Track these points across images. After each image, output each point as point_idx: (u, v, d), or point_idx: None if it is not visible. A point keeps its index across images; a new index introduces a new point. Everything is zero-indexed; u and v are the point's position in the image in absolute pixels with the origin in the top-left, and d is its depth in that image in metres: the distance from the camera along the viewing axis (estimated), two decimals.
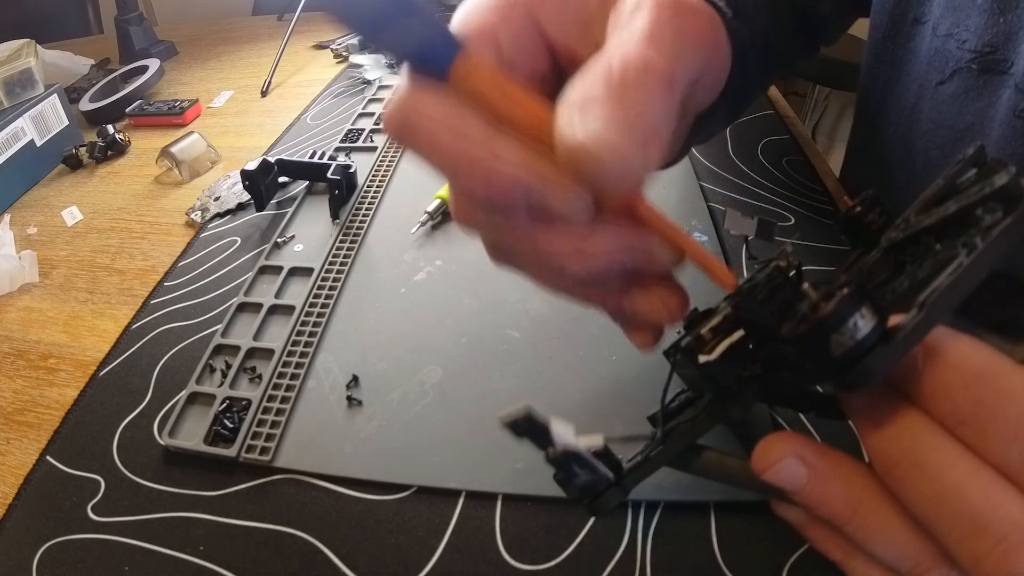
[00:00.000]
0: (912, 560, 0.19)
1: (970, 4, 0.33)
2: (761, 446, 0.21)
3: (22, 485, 0.37)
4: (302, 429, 0.39)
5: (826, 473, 0.20)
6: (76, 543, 0.34)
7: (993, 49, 0.32)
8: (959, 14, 0.34)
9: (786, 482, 0.20)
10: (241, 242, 0.57)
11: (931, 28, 0.37)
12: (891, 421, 0.18)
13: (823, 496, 0.20)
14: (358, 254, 0.53)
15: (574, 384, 0.41)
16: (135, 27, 0.99)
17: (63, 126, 0.73)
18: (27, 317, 0.50)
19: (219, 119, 0.82)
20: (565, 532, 0.33)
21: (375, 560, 0.33)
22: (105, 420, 0.41)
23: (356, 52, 0.95)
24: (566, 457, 0.22)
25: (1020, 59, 0.31)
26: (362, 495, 0.36)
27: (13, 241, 0.59)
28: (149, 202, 0.64)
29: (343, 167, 0.59)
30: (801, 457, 0.20)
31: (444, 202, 0.56)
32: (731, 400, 0.22)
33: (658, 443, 0.24)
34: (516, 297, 0.48)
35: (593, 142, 0.18)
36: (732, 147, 0.66)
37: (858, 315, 0.16)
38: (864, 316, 0.16)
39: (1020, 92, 0.30)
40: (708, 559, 0.32)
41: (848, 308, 0.16)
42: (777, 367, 0.21)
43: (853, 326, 0.16)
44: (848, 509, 0.19)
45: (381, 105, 0.77)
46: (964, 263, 0.17)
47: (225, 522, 0.35)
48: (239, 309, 0.48)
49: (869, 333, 0.16)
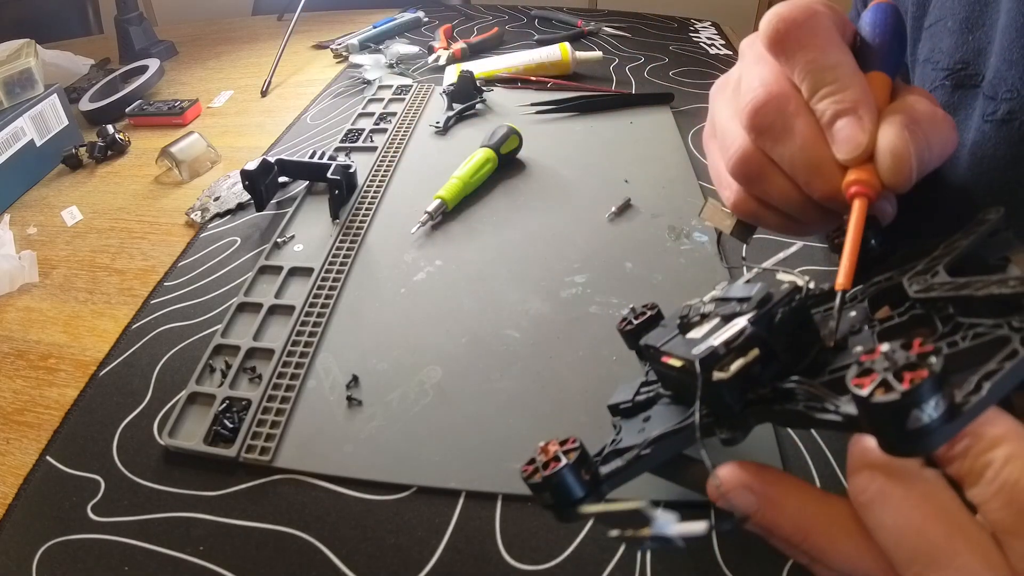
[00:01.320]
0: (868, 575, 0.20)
1: (943, 29, 0.35)
2: (712, 478, 0.22)
3: (22, 485, 0.37)
4: (302, 429, 0.39)
5: (774, 501, 0.21)
6: (76, 543, 0.34)
7: (964, 65, 0.34)
8: (934, 40, 0.36)
9: (738, 509, 0.22)
10: (241, 242, 0.57)
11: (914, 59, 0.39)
12: (873, 452, 0.19)
13: (773, 522, 0.21)
14: (358, 254, 0.53)
15: (574, 384, 0.41)
16: (135, 27, 0.99)
17: (63, 126, 0.73)
18: (27, 317, 0.50)
19: (219, 119, 0.82)
20: (565, 532, 0.33)
21: (375, 560, 0.33)
22: (105, 420, 0.41)
23: (356, 52, 0.96)
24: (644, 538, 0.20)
25: (989, 71, 0.33)
26: (362, 495, 0.36)
27: (13, 241, 0.59)
28: (149, 202, 0.64)
29: (343, 167, 0.59)
30: (748, 487, 0.22)
31: (444, 202, 0.56)
32: (733, 421, 0.22)
33: (642, 448, 0.24)
34: (516, 297, 0.48)
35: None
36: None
37: (940, 395, 0.17)
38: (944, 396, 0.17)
39: (988, 99, 0.32)
40: (708, 559, 0.32)
41: (934, 389, 0.16)
42: (788, 399, 0.21)
43: (933, 405, 0.16)
44: (799, 533, 0.21)
45: (380, 105, 0.77)
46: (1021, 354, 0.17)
47: (225, 522, 0.35)
48: (239, 309, 0.48)
49: (943, 413, 0.17)
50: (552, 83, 0.81)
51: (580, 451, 0.22)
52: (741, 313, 0.23)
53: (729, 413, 0.22)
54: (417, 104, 0.78)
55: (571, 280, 0.49)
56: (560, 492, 0.22)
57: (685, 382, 0.23)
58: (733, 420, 0.22)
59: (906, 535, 0.18)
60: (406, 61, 0.92)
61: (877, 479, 0.19)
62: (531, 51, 0.85)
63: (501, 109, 0.76)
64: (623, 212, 0.56)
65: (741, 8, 1.93)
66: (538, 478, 0.21)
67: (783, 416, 0.21)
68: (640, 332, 0.30)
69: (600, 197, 0.58)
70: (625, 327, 0.32)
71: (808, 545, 0.21)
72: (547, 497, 0.22)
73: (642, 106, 0.75)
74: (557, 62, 0.83)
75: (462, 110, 0.74)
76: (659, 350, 0.25)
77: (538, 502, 0.22)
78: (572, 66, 0.84)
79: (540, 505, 0.22)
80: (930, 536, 0.18)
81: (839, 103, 0.26)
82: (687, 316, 0.25)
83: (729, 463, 0.22)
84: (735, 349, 0.21)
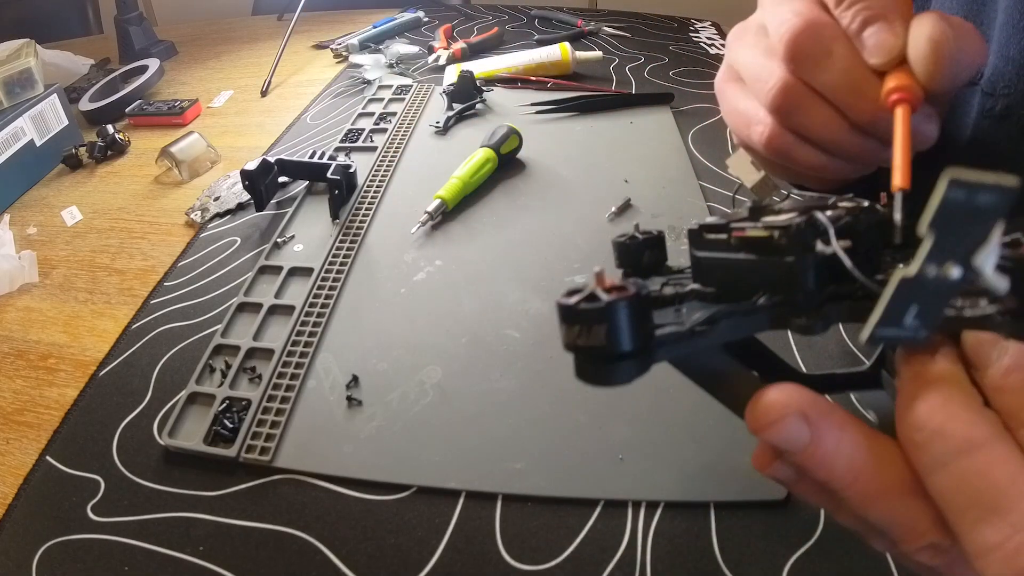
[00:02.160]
0: (904, 529, 0.18)
1: None
2: (759, 400, 0.19)
3: (22, 485, 0.37)
4: (302, 429, 0.39)
5: (831, 435, 0.18)
6: (76, 543, 0.34)
7: None
8: None
9: (786, 443, 0.18)
10: (241, 242, 0.57)
11: None
12: (934, 386, 0.18)
13: (824, 460, 0.18)
14: (358, 254, 0.53)
15: (574, 384, 0.41)
16: (135, 27, 0.99)
17: (63, 126, 0.73)
18: (27, 317, 0.50)
19: (219, 119, 0.82)
20: (565, 532, 0.33)
21: (375, 560, 0.33)
22: (105, 420, 0.41)
23: (356, 52, 0.96)
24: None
25: (987, 68, 0.33)
26: (362, 495, 0.36)
27: (13, 241, 0.59)
28: (149, 202, 0.64)
29: (343, 167, 0.59)
30: (804, 415, 0.18)
31: (444, 202, 0.56)
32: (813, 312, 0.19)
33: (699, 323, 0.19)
34: (516, 297, 0.48)
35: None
36: (731, 147, 0.66)
37: None
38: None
39: (986, 95, 0.33)
40: (708, 559, 0.32)
41: None
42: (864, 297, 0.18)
43: None
44: (850, 475, 0.18)
45: (380, 105, 0.77)
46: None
47: (225, 522, 0.34)
48: (239, 309, 0.48)
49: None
50: (552, 83, 0.81)
51: (647, 295, 0.18)
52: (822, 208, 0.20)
53: (808, 302, 0.19)
54: (417, 104, 0.78)
55: (571, 280, 0.49)
56: (617, 331, 0.17)
57: (749, 266, 0.20)
58: (811, 309, 0.19)
59: (967, 479, 0.16)
60: (406, 61, 0.92)
61: (937, 416, 0.17)
62: (531, 51, 0.85)
63: (501, 109, 0.76)
64: (623, 212, 0.56)
65: (741, 8, 1.92)
66: (593, 305, 0.17)
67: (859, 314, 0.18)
68: (642, 249, 0.26)
69: (600, 197, 0.58)
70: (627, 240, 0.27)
71: (854, 491, 0.18)
72: (598, 334, 0.17)
73: (642, 106, 0.75)
74: (557, 62, 0.83)
75: (462, 110, 0.74)
76: (728, 225, 0.21)
77: (575, 347, 0.18)
78: (572, 66, 0.84)
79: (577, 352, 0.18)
80: (993, 480, 0.16)
81: (867, 9, 0.26)
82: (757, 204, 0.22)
83: (779, 383, 0.19)
84: (840, 228, 0.18)
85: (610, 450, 0.37)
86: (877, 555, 0.32)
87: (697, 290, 0.22)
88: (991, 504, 0.16)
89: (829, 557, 0.32)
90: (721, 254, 0.21)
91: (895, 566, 0.31)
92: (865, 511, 0.19)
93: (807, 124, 0.29)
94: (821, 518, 0.33)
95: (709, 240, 0.22)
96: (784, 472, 0.20)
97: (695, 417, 0.38)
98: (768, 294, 0.19)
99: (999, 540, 0.16)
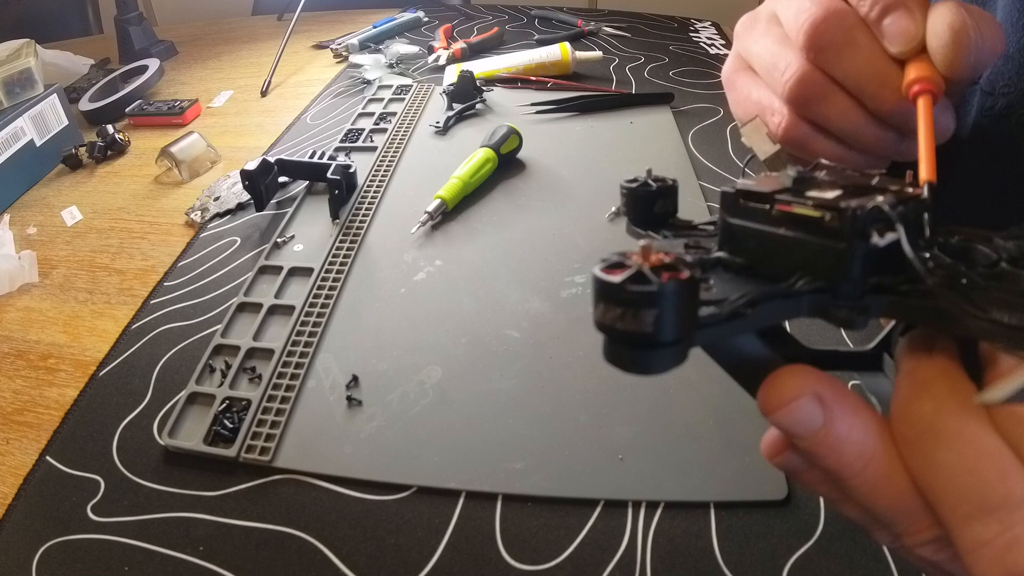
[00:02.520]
0: (910, 521, 0.18)
1: None
2: (773, 380, 0.18)
3: (22, 485, 0.37)
4: (302, 429, 0.39)
5: (843, 420, 0.18)
6: (76, 543, 0.34)
7: None
8: None
9: (799, 426, 0.18)
10: (241, 242, 0.57)
11: None
12: (928, 383, 0.18)
13: (836, 445, 0.18)
14: (358, 254, 0.53)
15: (574, 384, 0.41)
16: (135, 27, 0.99)
17: (63, 126, 0.73)
18: (27, 317, 0.50)
19: (219, 119, 0.82)
20: (565, 532, 0.33)
21: (375, 560, 0.33)
22: (105, 420, 0.41)
23: (356, 52, 0.96)
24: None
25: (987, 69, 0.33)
26: (362, 495, 0.36)
27: (13, 241, 0.59)
28: (149, 202, 0.64)
29: (343, 167, 0.59)
30: (819, 397, 0.17)
31: (444, 202, 0.56)
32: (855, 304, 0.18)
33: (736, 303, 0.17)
34: (516, 297, 0.48)
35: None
36: (732, 147, 0.66)
37: None
38: None
39: (986, 94, 0.33)
40: (708, 559, 0.32)
41: None
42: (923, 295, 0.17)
43: None
44: (859, 462, 0.18)
45: (380, 105, 0.77)
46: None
47: (225, 522, 0.34)
48: (239, 309, 0.48)
49: None
50: (552, 83, 0.81)
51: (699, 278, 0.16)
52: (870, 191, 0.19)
53: (851, 291, 0.18)
54: (417, 104, 0.78)
55: (571, 280, 0.49)
56: (667, 319, 0.15)
57: (792, 243, 0.18)
58: (852, 299, 0.18)
59: (958, 473, 0.16)
60: (406, 61, 0.92)
61: (928, 413, 0.17)
62: (531, 51, 0.85)
63: (501, 109, 0.76)
64: (623, 212, 0.56)
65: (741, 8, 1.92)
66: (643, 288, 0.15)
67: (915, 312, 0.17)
68: (653, 198, 0.25)
69: (600, 197, 0.58)
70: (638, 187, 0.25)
71: (862, 479, 0.18)
72: (644, 320, 0.15)
73: (642, 106, 0.75)
74: (557, 62, 0.83)
75: (462, 110, 0.74)
76: (772, 195, 0.19)
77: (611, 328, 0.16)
78: (572, 66, 0.84)
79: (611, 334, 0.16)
80: (983, 476, 0.16)
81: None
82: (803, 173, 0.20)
83: (794, 365, 0.18)
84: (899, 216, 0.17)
85: (610, 450, 0.37)
86: (877, 555, 0.32)
87: (724, 259, 0.20)
88: (981, 501, 0.16)
89: (829, 557, 0.32)
90: (759, 225, 0.19)
91: (895, 566, 0.31)
92: (872, 501, 0.18)
93: (825, 114, 0.28)
94: (821, 518, 0.33)
95: (746, 208, 0.20)
96: (792, 461, 0.20)
97: (695, 417, 0.38)
98: (808, 278, 0.18)
99: (989, 537, 0.16)
